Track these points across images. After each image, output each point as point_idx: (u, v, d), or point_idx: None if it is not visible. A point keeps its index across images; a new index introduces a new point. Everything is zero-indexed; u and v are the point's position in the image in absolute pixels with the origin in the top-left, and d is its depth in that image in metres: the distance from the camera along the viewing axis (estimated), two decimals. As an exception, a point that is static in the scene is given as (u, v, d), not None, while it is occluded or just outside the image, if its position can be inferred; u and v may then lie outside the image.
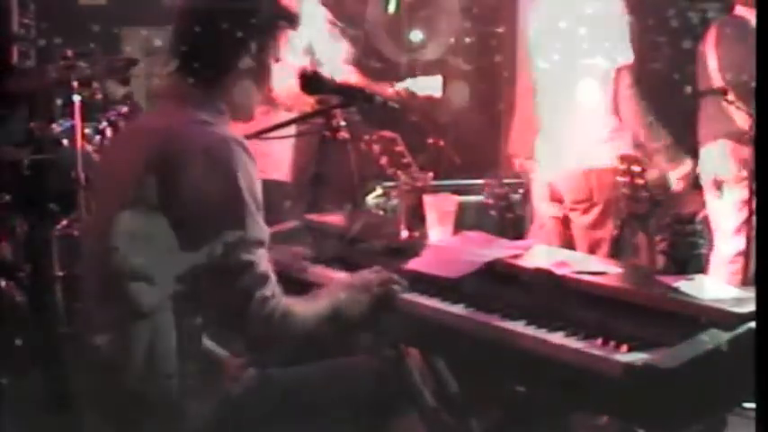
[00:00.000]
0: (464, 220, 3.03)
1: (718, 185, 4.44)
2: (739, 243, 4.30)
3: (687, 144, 4.74)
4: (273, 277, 2.28)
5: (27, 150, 4.43)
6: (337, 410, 2.39)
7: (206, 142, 2.25)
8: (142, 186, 2.21)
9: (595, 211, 3.96)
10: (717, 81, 4.34)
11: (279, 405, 2.36)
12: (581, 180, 3.95)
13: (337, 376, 2.46)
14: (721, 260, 4.44)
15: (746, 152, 4.22)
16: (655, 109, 4.21)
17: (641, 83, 4.06)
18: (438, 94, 4.03)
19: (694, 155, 4.69)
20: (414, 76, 5.22)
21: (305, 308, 2.35)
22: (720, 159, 4.39)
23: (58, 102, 4.75)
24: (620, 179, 4.22)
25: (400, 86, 4.13)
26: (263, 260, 2.26)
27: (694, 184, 4.55)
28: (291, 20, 2.45)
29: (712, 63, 4.40)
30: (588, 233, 3.93)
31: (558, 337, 2.31)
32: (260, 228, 2.27)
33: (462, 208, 2.99)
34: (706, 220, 4.54)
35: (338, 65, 4.31)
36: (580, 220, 3.99)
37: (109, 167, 2.51)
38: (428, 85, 4.21)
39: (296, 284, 2.58)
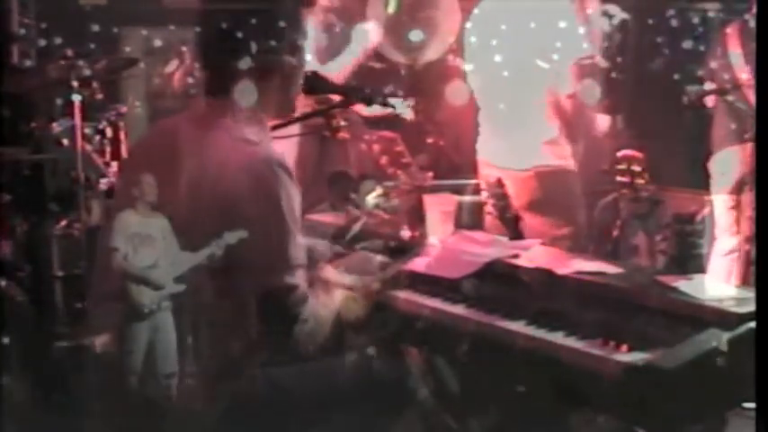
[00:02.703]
0: (464, 220, 3.03)
1: (741, 188, 4.41)
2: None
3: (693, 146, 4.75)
4: (310, 296, 2.31)
5: (27, 150, 4.43)
6: (338, 410, 2.39)
7: (251, 167, 2.24)
8: (152, 181, 2.21)
9: (548, 212, 3.92)
10: (741, 77, 4.30)
11: (280, 404, 2.36)
12: (531, 181, 3.90)
13: (338, 376, 2.47)
14: (721, 252, 4.44)
15: None
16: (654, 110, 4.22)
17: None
18: (410, 116, 4.04)
19: (696, 156, 4.70)
20: (413, 76, 5.23)
21: (326, 311, 2.38)
22: (747, 162, 4.32)
23: (58, 102, 4.75)
24: (621, 179, 4.23)
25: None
26: (303, 281, 2.29)
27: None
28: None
29: (735, 60, 4.36)
30: (544, 233, 3.86)
31: (558, 337, 2.31)
32: (300, 250, 2.30)
33: (462, 208, 2.99)
34: (706, 220, 4.54)
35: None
36: (533, 221, 3.93)
37: (138, 167, 2.44)
38: (399, 107, 4.19)
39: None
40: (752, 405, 2.13)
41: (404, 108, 3.72)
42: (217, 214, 2.22)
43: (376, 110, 3.81)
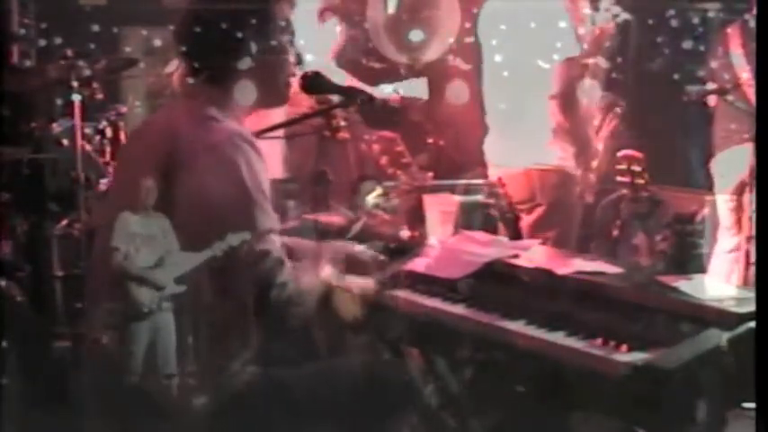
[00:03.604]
0: (464, 220, 3.03)
1: (742, 189, 4.41)
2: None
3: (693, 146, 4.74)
4: (287, 261, 2.31)
5: (27, 150, 4.43)
6: (337, 410, 2.39)
7: (211, 140, 2.27)
8: (150, 184, 2.22)
9: (538, 211, 3.92)
10: (742, 77, 4.30)
11: (279, 404, 2.36)
12: (522, 180, 3.91)
13: (337, 376, 2.47)
14: (721, 252, 4.44)
15: None
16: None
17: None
18: (424, 96, 4.04)
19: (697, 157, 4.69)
20: (413, 76, 5.22)
21: (309, 281, 2.39)
22: (747, 163, 4.30)
23: (58, 102, 4.75)
24: (621, 179, 4.21)
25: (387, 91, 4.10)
26: (276, 247, 2.30)
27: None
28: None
29: (735, 60, 4.36)
30: (533, 232, 3.86)
31: (558, 337, 2.31)
32: (269, 216, 2.32)
33: (462, 208, 2.99)
34: (706, 220, 4.54)
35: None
36: (525, 220, 3.94)
37: (121, 167, 2.52)
38: (414, 88, 4.20)
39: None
40: (752, 405, 2.13)
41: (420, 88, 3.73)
42: (192, 195, 2.23)
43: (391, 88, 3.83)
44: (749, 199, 4.31)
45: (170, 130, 2.35)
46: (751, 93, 4.20)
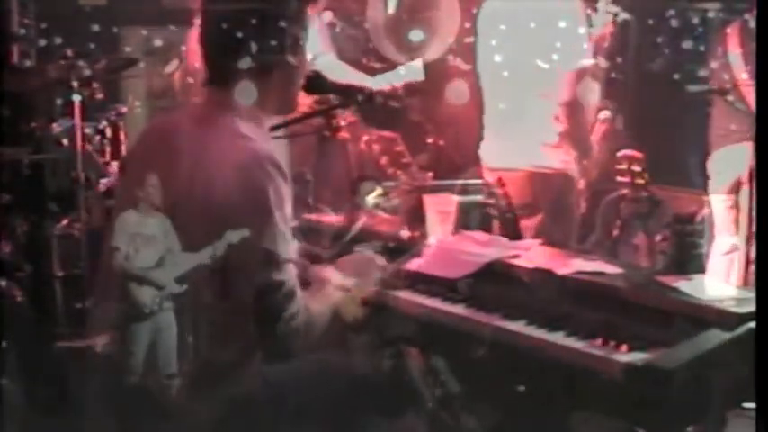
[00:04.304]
0: (464, 220, 3.03)
1: (738, 187, 4.41)
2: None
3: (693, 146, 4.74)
4: (299, 291, 2.29)
5: (27, 150, 4.43)
6: (337, 410, 2.39)
7: (242, 163, 2.24)
8: (155, 182, 2.22)
9: (539, 213, 3.91)
10: (741, 77, 4.30)
11: (277, 405, 2.36)
12: (524, 182, 3.90)
13: (337, 376, 2.47)
14: (720, 251, 4.44)
15: None
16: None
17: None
18: (420, 77, 4.00)
19: (696, 156, 4.69)
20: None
21: (318, 308, 2.38)
22: (745, 161, 4.30)
23: (58, 102, 4.76)
24: (621, 179, 4.22)
25: (382, 80, 4.06)
26: (292, 276, 2.28)
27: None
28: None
29: (734, 60, 4.36)
30: (534, 233, 3.85)
31: (558, 337, 2.31)
32: (289, 245, 2.28)
33: (462, 208, 3.00)
34: (705, 220, 4.54)
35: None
36: (526, 224, 3.93)
37: (140, 164, 2.43)
38: (410, 72, 4.17)
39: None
40: (752, 405, 2.13)
41: (416, 70, 3.71)
42: (211, 210, 2.22)
43: (387, 79, 3.81)
44: (746, 198, 4.32)
45: (202, 142, 2.31)
46: (748, 93, 4.20)
